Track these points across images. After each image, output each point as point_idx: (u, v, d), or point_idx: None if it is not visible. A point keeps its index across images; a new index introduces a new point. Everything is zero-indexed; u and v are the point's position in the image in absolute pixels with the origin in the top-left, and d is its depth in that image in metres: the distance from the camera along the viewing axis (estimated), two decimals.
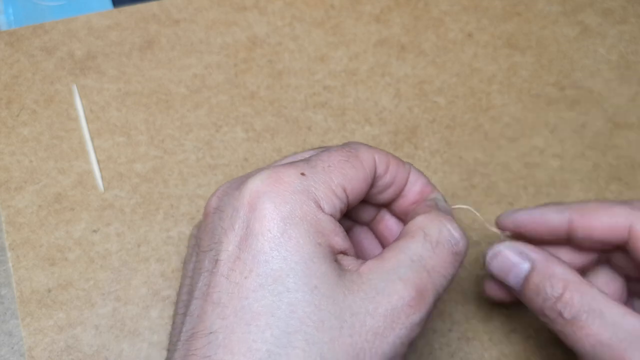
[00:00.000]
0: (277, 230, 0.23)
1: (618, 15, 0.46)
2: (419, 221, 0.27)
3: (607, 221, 0.28)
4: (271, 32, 0.44)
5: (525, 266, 0.28)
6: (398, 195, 0.29)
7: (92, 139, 0.39)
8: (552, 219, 0.29)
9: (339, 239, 0.25)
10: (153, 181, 0.38)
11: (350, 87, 0.42)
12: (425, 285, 0.24)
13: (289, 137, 0.40)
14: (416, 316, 0.24)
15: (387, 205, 0.30)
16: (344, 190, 0.25)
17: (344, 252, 0.25)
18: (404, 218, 0.30)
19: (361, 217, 0.31)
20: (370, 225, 0.32)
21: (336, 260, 0.24)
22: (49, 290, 0.34)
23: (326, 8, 0.45)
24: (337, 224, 0.25)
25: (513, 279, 0.29)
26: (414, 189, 0.29)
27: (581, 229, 0.29)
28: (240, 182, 0.26)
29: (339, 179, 0.25)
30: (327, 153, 0.26)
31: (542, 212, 0.30)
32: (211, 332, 0.22)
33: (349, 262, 0.25)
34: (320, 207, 0.24)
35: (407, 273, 0.24)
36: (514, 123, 0.41)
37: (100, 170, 0.38)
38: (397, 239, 0.26)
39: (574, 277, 0.27)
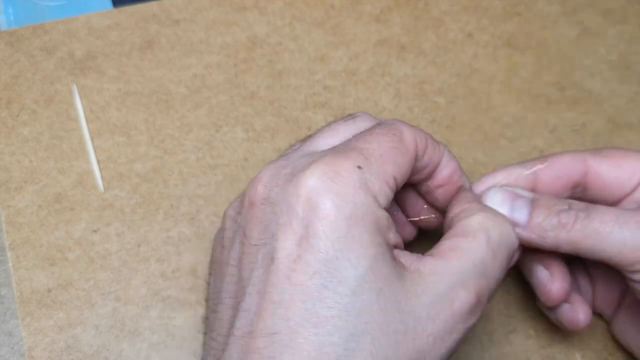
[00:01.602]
0: (340, 231, 0.23)
1: (618, 15, 0.46)
2: (481, 221, 0.26)
3: (567, 159, 0.30)
4: (271, 32, 0.44)
5: (525, 200, 0.28)
6: (430, 176, 0.29)
7: (92, 139, 0.39)
8: (519, 174, 0.30)
9: (392, 234, 0.25)
10: (153, 181, 0.38)
11: (350, 87, 0.42)
12: (484, 290, 0.24)
13: (289, 137, 0.40)
14: (472, 321, 0.24)
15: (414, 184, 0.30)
16: (395, 180, 0.25)
17: (397, 247, 0.25)
18: (425, 196, 0.30)
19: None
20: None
21: (394, 259, 0.24)
22: (49, 290, 0.34)
23: (326, 8, 0.45)
24: (391, 220, 0.25)
25: (518, 216, 0.28)
26: (444, 172, 0.29)
27: (547, 175, 0.30)
28: (288, 171, 0.25)
29: (391, 169, 0.25)
30: (374, 139, 0.26)
31: (507, 172, 0.31)
32: (274, 333, 0.22)
33: (406, 258, 0.24)
34: (377, 202, 0.24)
35: (470, 279, 0.24)
36: (514, 123, 0.41)
37: (100, 170, 0.38)
38: (456, 235, 0.26)
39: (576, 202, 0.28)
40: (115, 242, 0.35)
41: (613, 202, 0.30)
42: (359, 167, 0.24)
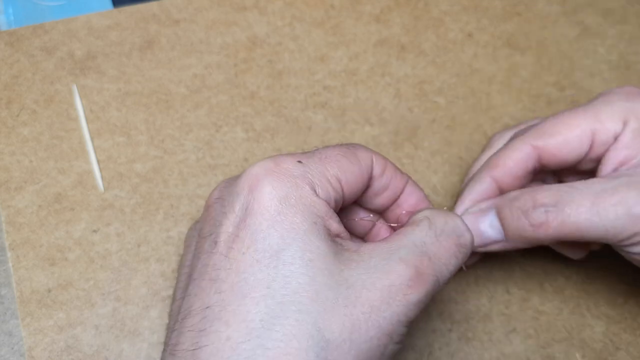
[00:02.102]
0: (274, 209, 0.24)
1: (618, 15, 0.46)
2: (426, 212, 0.27)
3: (517, 156, 0.30)
4: (271, 32, 0.44)
5: (491, 215, 0.29)
6: (393, 201, 0.30)
7: (92, 139, 0.39)
8: (482, 191, 0.31)
9: (334, 223, 0.25)
10: (153, 181, 0.38)
11: (350, 87, 0.42)
12: (426, 269, 0.25)
13: (289, 137, 0.40)
14: (414, 296, 0.24)
15: (382, 213, 0.31)
16: (339, 181, 0.26)
17: (339, 236, 0.26)
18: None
19: (356, 229, 0.32)
20: (365, 238, 0.32)
21: (333, 241, 0.25)
22: (49, 290, 0.34)
23: (326, 8, 0.45)
24: (332, 210, 0.26)
25: (492, 234, 0.30)
26: (410, 200, 0.30)
27: (505, 178, 0.31)
28: (239, 175, 0.27)
29: (334, 170, 0.26)
30: (325, 148, 0.27)
31: (470, 195, 0.31)
32: (207, 307, 0.23)
33: (348, 243, 0.25)
34: (315, 192, 0.25)
35: (408, 255, 0.25)
36: (514, 123, 0.41)
37: (100, 170, 0.38)
38: (403, 227, 0.27)
39: (530, 189, 0.29)
40: (115, 242, 0.35)
41: (570, 166, 0.31)
42: (299, 162, 0.26)
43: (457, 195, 0.38)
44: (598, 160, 0.30)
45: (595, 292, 0.35)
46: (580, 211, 0.27)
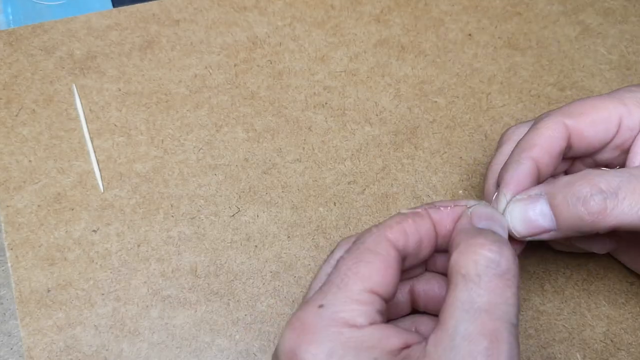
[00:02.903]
0: None
1: (619, 15, 0.46)
2: (453, 262, 0.25)
3: (553, 133, 0.29)
4: (271, 32, 0.44)
5: (542, 202, 0.27)
6: (434, 247, 0.28)
7: (92, 139, 0.39)
8: (525, 176, 0.29)
9: (395, 339, 0.24)
10: (153, 181, 0.37)
11: (350, 88, 0.42)
12: (492, 326, 0.23)
13: (289, 137, 0.40)
14: (501, 357, 0.22)
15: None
16: (371, 292, 0.24)
17: (406, 346, 0.24)
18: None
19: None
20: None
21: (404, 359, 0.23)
22: (49, 290, 0.34)
23: (326, 8, 0.45)
24: (385, 326, 0.24)
25: (543, 223, 0.27)
26: (446, 224, 0.27)
27: (542, 158, 0.29)
28: (274, 353, 0.25)
29: (358, 285, 0.24)
30: (338, 264, 0.25)
31: (515, 181, 0.29)
32: None
33: (415, 351, 0.23)
34: (355, 325, 0.23)
35: (468, 328, 0.22)
36: (514, 123, 0.41)
37: (100, 170, 0.38)
38: (446, 291, 0.25)
39: (585, 173, 0.27)
40: (115, 242, 0.35)
41: (594, 152, 0.30)
42: (321, 306, 0.24)
43: (456, 196, 0.38)
44: (621, 149, 0.30)
45: (596, 292, 0.35)
46: (636, 199, 0.25)
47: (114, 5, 0.44)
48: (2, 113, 0.39)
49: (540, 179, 0.30)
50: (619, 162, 0.31)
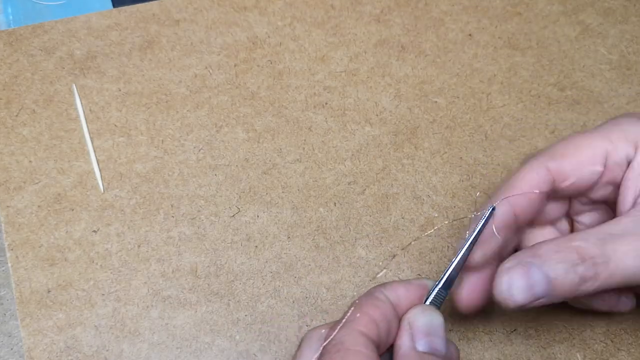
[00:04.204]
0: None
1: (619, 15, 0.46)
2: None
3: (531, 177, 0.29)
4: (271, 32, 0.44)
5: (533, 270, 0.27)
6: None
7: (92, 139, 0.39)
8: (534, 180, 0.29)
9: None
10: (153, 181, 0.37)
11: (350, 88, 0.42)
12: None
13: (290, 138, 0.40)
14: None
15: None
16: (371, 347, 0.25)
17: None
18: None
19: None
20: None
21: None
22: (49, 291, 0.34)
23: (326, 8, 0.45)
24: None
25: (539, 290, 0.27)
26: (403, 307, 0.28)
27: (520, 207, 0.29)
28: None
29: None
30: (333, 343, 0.26)
31: (523, 181, 0.29)
32: None
33: None
34: None
35: None
36: (514, 123, 0.41)
37: (101, 170, 0.38)
38: None
39: (565, 238, 0.27)
40: (115, 242, 0.35)
41: (584, 191, 0.30)
42: None
43: (456, 196, 0.38)
44: (613, 184, 0.29)
45: None
46: (627, 261, 0.26)
47: (114, 5, 0.44)
48: (2, 113, 0.39)
49: (518, 222, 0.30)
50: (615, 197, 0.30)
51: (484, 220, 0.29)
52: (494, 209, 0.29)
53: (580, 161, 0.29)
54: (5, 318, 0.33)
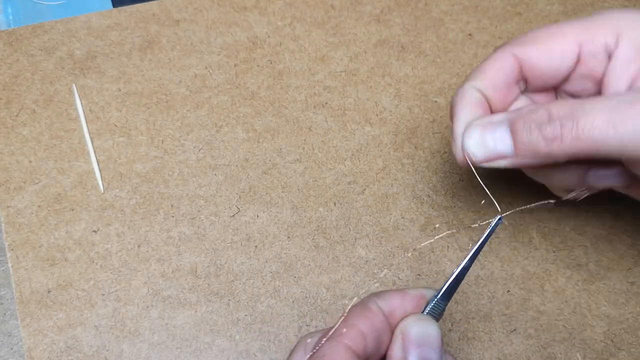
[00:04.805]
0: None
1: None
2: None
3: (497, 65, 0.28)
4: (271, 32, 0.44)
5: (503, 128, 0.27)
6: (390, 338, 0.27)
7: (92, 139, 0.39)
8: (470, 100, 0.28)
9: None
10: (153, 181, 0.37)
11: (350, 88, 0.42)
12: None
13: (290, 138, 0.40)
14: None
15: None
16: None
17: None
18: None
19: None
20: None
21: None
22: (49, 291, 0.34)
23: (326, 8, 0.45)
24: None
25: (502, 149, 0.27)
26: (397, 316, 0.27)
27: (488, 89, 0.28)
28: None
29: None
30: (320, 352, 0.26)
31: (463, 101, 0.29)
32: None
33: None
34: None
35: None
36: None
37: (101, 170, 0.38)
38: None
39: (550, 104, 0.26)
40: (115, 242, 0.35)
41: (558, 82, 0.29)
42: None
43: (456, 196, 0.38)
44: (592, 79, 0.28)
45: (596, 292, 0.35)
46: (596, 124, 0.24)
47: (114, 5, 0.44)
48: (3, 113, 0.39)
49: (493, 110, 0.29)
50: (596, 93, 0.29)
51: (489, 231, 0.28)
52: (500, 219, 0.28)
53: (550, 49, 0.28)
54: (5, 318, 0.33)
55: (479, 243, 0.28)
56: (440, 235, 0.36)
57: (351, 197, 0.38)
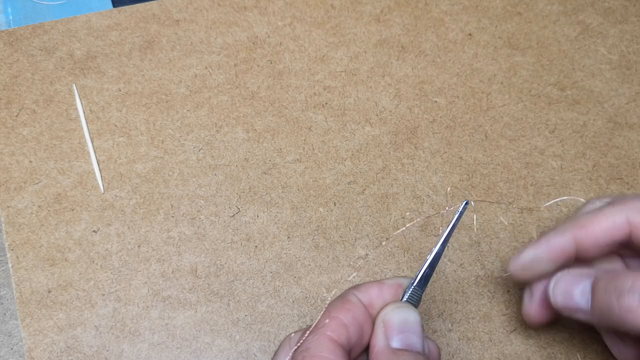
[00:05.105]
0: None
1: (619, 15, 0.46)
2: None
3: (606, 224, 0.28)
4: (271, 32, 0.44)
5: (586, 283, 0.28)
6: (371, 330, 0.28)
7: (92, 139, 0.39)
8: (558, 243, 0.29)
9: None
10: (153, 181, 0.37)
11: (350, 88, 0.42)
12: None
13: (290, 138, 0.40)
14: None
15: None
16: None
17: None
18: None
19: None
20: None
21: None
22: (49, 291, 0.34)
23: (326, 8, 0.45)
24: None
25: (579, 301, 0.28)
26: (376, 306, 0.28)
27: (586, 241, 0.29)
28: None
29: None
30: (305, 345, 0.26)
31: (546, 241, 0.30)
32: None
33: None
34: None
35: None
36: (514, 123, 0.41)
37: (101, 170, 0.38)
38: None
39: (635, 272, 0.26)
40: (115, 243, 0.35)
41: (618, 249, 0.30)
42: None
43: (456, 196, 0.38)
44: None
45: None
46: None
47: (114, 5, 0.44)
48: (3, 113, 0.39)
49: (581, 259, 0.30)
50: None
51: (457, 216, 0.29)
52: (467, 203, 0.30)
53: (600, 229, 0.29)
54: (5, 318, 0.33)
55: (449, 228, 0.29)
56: (412, 223, 0.36)
57: (351, 197, 0.38)
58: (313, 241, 0.36)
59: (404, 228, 0.37)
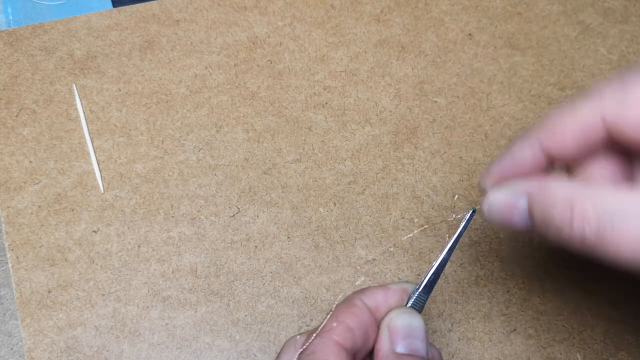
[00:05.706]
0: None
1: (619, 15, 0.46)
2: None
3: (574, 124, 0.25)
4: (271, 32, 0.44)
5: (522, 202, 0.25)
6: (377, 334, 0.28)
7: (92, 139, 0.39)
8: (523, 156, 0.27)
9: None
10: (153, 181, 0.37)
11: (350, 88, 0.42)
12: None
13: (290, 138, 0.40)
14: None
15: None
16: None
17: None
18: None
19: None
20: None
21: None
22: (49, 291, 0.34)
23: (326, 8, 0.45)
24: None
25: (519, 221, 0.25)
26: (382, 311, 0.28)
27: (554, 146, 0.26)
28: None
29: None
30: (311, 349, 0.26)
31: (511, 156, 0.27)
32: None
33: None
34: None
35: None
36: (514, 123, 0.41)
37: (101, 170, 0.38)
38: None
39: (575, 189, 0.23)
40: (115, 243, 0.35)
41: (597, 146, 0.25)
42: None
43: (456, 194, 0.38)
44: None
45: (597, 292, 0.35)
46: (626, 241, 0.21)
47: (114, 5, 0.44)
48: (3, 113, 0.39)
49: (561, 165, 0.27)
50: None
51: (465, 223, 0.29)
52: (474, 211, 0.29)
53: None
54: (5, 318, 0.33)
55: (455, 235, 0.29)
56: (420, 229, 0.36)
57: (351, 197, 0.38)
58: (313, 241, 0.36)
59: (411, 234, 0.37)
